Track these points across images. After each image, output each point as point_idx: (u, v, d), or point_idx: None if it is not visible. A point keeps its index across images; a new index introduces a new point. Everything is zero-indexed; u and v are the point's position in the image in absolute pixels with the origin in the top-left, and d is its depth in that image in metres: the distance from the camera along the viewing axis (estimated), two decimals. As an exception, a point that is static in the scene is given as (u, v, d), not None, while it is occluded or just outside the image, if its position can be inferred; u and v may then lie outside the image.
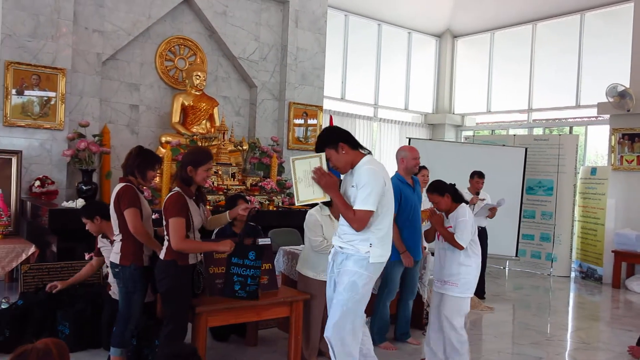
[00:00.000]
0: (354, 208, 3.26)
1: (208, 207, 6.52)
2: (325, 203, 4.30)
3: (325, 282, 4.20)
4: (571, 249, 9.22)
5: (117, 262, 3.68)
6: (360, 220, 3.23)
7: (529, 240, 9.50)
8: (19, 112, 6.63)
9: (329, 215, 4.39)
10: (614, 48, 9.62)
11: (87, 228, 4.37)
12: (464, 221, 4.15)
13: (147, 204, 3.89)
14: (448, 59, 12.38)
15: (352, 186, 3.32)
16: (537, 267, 9.45)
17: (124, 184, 3.75)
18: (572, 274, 9.19)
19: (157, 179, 6.61)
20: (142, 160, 3.81)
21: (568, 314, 6.96)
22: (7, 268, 5.67)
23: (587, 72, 10.06)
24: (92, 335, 4.33)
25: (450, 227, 4.20)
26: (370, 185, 3.24)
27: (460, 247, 4.12)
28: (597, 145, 10.53)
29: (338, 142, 3.38)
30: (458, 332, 4.11)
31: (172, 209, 3.52)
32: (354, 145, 3.42)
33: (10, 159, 6.49)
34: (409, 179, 4.89)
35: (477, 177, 7.02)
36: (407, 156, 4.85)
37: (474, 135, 11.29)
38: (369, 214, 3.24)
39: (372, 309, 4.86)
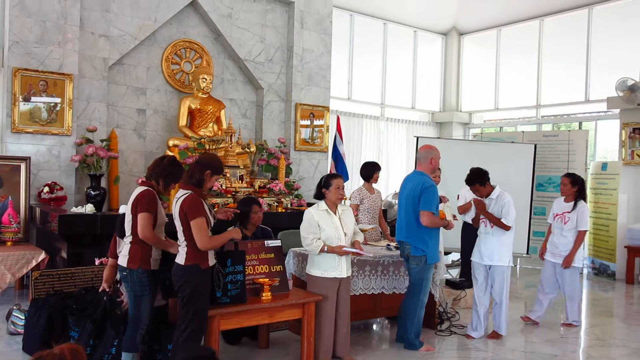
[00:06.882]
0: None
1: (217, 209, 6.54)
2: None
3: (334, 279, 4.16)
4: (583, 246, 9.11)
5: (125, 265, 3.65)
6: None
7: (540, 237, 9.38)
8: (27, 118, 6.65)
9: (326, 210, 4.31)
10: (623, 42, 9.55)
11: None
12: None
13: (163, 210, 3.83)
14: (454, 56, 12.32)
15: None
16: (548, 264, 9.34)
17: (145, 187, 3.71)
18: (585, 271, 9.09)
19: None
20: (172, 173, 3.75)
21: (582, 311, 6.87)
22: (17, 275, 5.68)
23: (596, 66, 9.98)
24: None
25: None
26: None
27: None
28: (606, 140, 10.43)
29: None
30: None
31: (195, 210, 3.49)
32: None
33: (19, 166, 6.50)
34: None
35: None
36: (437, 156, 4.89)
37: (481, 133, 11.19)
38: None
39: (406, 313, 4.80)
